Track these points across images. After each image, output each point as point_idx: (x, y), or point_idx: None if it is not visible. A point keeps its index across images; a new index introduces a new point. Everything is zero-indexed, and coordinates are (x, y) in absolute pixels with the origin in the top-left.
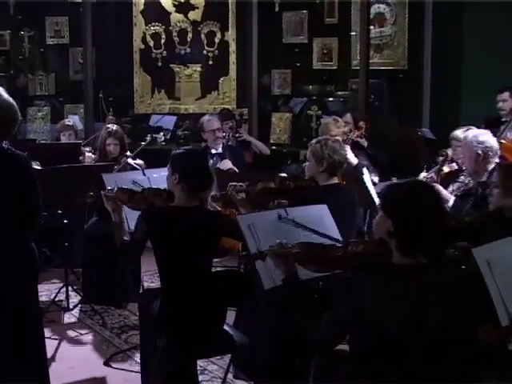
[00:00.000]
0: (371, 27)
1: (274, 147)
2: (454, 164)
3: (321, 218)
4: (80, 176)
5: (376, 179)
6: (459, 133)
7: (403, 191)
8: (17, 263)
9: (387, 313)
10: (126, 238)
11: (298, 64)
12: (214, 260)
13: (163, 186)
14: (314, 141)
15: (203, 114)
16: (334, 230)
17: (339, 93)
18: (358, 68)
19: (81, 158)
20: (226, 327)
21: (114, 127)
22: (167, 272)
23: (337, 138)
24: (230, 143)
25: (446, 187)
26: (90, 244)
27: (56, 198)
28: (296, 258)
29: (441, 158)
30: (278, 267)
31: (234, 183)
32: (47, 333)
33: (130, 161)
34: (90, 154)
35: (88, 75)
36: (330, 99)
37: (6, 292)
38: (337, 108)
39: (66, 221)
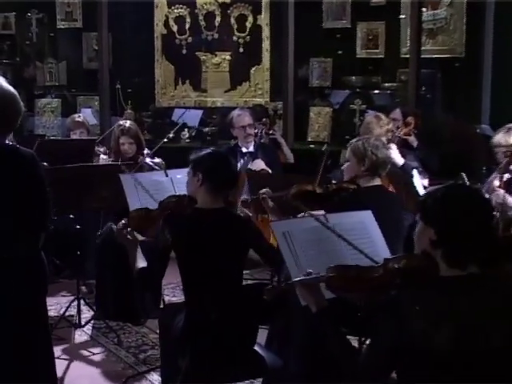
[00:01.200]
0: (423, 9)
1: (311, 146)
2: None
3: (365, 226)
4: (94, 176)
5: (426, 182)
6: (502, 137)
7: (442, 195)
8: (24, 274)
9: (437, 334)
10: (142, 265)
11: (340, 52)
12: (244, 272)
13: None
14: (354, 139)
15: (232, 108)
16: (379, 240)
17: (386, 84)
18: (407, 56)
19: (94, 161)
20: (256, 348)
21: (127, 124)
22: (192, 284)
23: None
24: (262, 141)
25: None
26: (105, 252)
27: (67, 200)
28: (329, 285)
29: (505, 160)
30: (305, 300)
31: (265, 190)
32: (56, 352)
33: (148, 161)
34: (104, 156)
35: (103, 63)
36: (376, 92)
37: (11, 306)
38: (383, 102)
39: (78, 226)
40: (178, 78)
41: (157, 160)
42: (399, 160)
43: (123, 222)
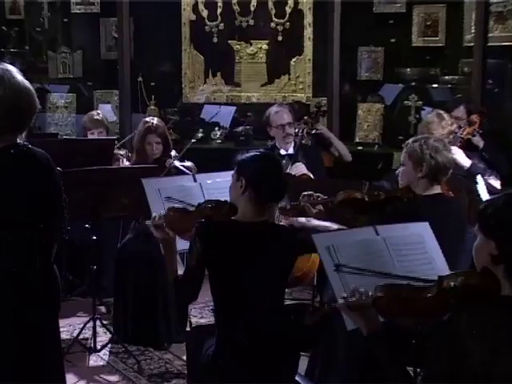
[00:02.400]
0: None
1: (360, 147)
2: None
3: (421, 239)
4: (113, 181)
5: (497, 184)
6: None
7: (504, 204)
8: (34, 290)
9: (496, 364)
10: (180, 273)
11: (393, 40)
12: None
13: (220, 196)
14: (410, 140)
15: (270, 105)
16: (438, 256)
17: (446, 77)
18: (471, 44)
19: (114, 165)
20: (297, 378)
21: (155, 121)
22: (225, 305)
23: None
24: (304, 142)
25: None
26: (125, 267)
27: (83, 208)
28: (376, 308)
29: None
30: (356, 323)
31: (308, 192)
32: (69, 380)
33: (177, 163)
34: (126, 162)
35: (124, 53)
36: (434, 86)
37: (19, 327)
38: (443, 97)
39: (94, 237)
40: (208, 71)
41: (188, 163)
42: (465, 162)
43: (155, 215)
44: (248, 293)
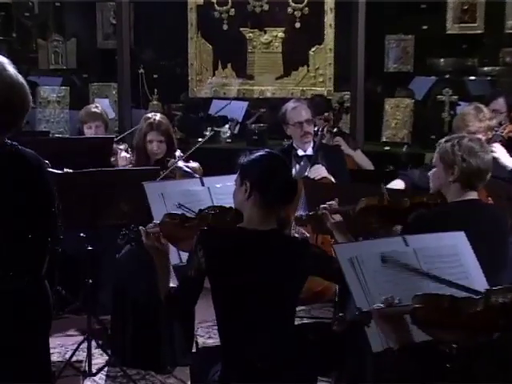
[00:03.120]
0: None
1: (387, 148)
2: None
3: (456, 251)
4: (112, 185)
5: None
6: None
7: None
8: (21, 307)
9: None
10: (172, 285)
11: (425, 27)
12: (300, 308)
13: (231, 202)
14: (443, 139)
15: (286, 100)
16: (474, 270)
17: (485, 69)
18: None
19: (113, 159)
20: None
21: (157, 117)
22: (233, 323)
23: (478, 135)
24: (324, 141)
25: None
26: (124, 281)
27: (77, 215)
28: (413, 319)
29: None
30: (386, 335)
31: (329, 203)
32: None
33: (181, 164)
34: (126, 154)
35: (123, 42)
36: (472, 78)
37: (3, 348)
38: (481, 91)
39: (90, 248)
40: (217, 62)
41: (193, 164)
42: (508, 162)
43: (154, 222)
44: (255, 308)
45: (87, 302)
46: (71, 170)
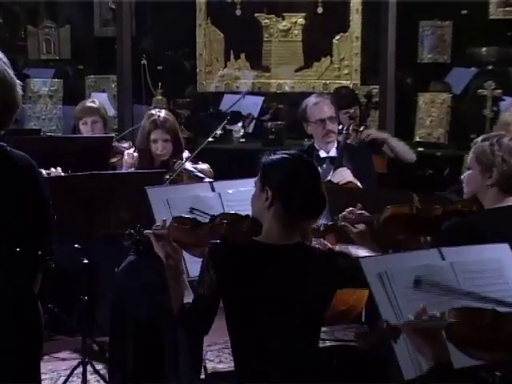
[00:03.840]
0: None
1: (420, 149)
2: None
3: (500, 266)
4: (110, 190)
5: None
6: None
7: None
8: (8, 328)
9: None
10: (187, 301)
11: (465, 12)
12: (322, 329)
13: (244, 210)
14: (480, 138)
15: (307, 94)
16: None
17: None
18: None
19: (114, 159)
20: None
21: (162, 114)
22: (250, 347)
23: None
24: (349, 141)
25: None
26: (124, 298)
27: (72, 224)
28: (450, 335)
29: None
30: (420, 351)
31: (349, 210)
32: None
33: (188, 166)
34: (131, 151)
35: (123, 29)
36: None
37: None
38: None
39: (86, 261)
40: (230, 52)
41: (202, 166)
42: None
43: (163, 220)
44: (275, 331)
45: (82, 322)
46: (59, 170)
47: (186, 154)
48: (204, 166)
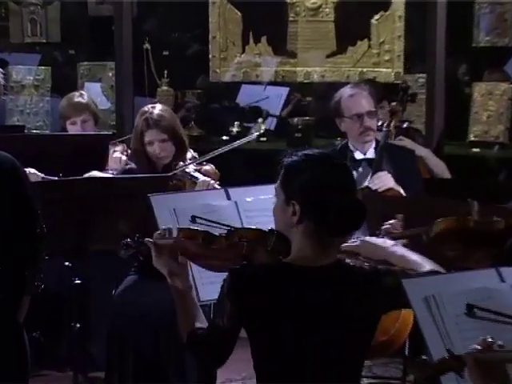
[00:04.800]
0: None
1: (475, 149)
2: None
3: None
4: (107, 197)
5: None
6: None
7: None
8: None
9: None
10: (199, 325)
11: None
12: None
13: (266, 222)
14: None
15: (340, 85)
16: None
17: None
18: None
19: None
20: None
21: (156, 110)
22: None
23: None
24: (388, 140)
25: None
26: (123, 327)
27: (61, 237)
28: None
29: None
30: None
31: (390, 222)
32: None
33: (191, 170)
34: (117, 154)
35: (123, 8)
36: None
37: None
38: None
39: (78, 281)
40: (248, 34)
41: (206, 167)
42: None
43: (165, 229)
44: (310, 369)
45: (74, 354)
46: (33, 171)
47: (190, 154)
48: (207, 167)
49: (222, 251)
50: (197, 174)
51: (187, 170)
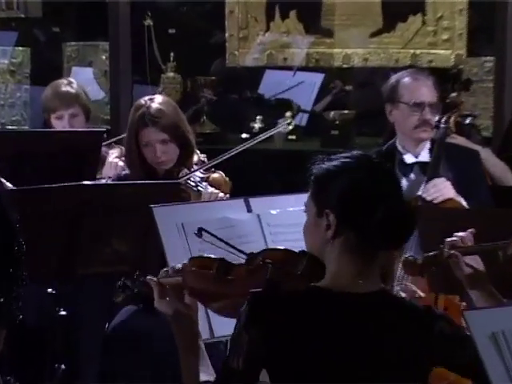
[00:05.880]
0: None
1: None
2: None
3: None
4: (99, 209)
5: None
6: None
7: None
8: None
9: None
10: (205, 379)
11: None
12: None
13: (296, 240)
14: None
15: (385, 71)
16: None
17: None
18: None
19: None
20: None
21: (155, 103)
22: None
23: None
24: (446, 139)
25: None
26: (117, 367)
27: (44, 259)
28: None
29: None
30: None
31: (464, 234)
32: None
33: (196, 178)
34: (116, 159)
35: None
36: None
37: None
38: None
39: (63, 312)
40: (274, 8)
41: (214, 175)
42: None
43: (172, 267)
44: None
45: None
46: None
47: (197, 156)
48: (216, 175)
49: (241, 282)
50: (203, 185)
51: (192, 178)
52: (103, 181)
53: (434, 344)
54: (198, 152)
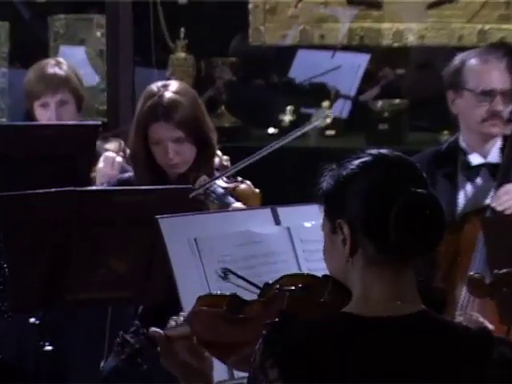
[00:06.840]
0: None
1: None
2: None
3: None
4: (93, 220)
5: None
6: None
7: None
8: None
9: None
10: None
11: None
12: None
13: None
14: None
15: (448, 51)
16: None
17: None
18: None
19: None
20: None
21: (169, 93)
22: None
23: None
24: None
25: None
26: None
27: (27, 283)
28: None
29: None
30: None
31: None
32: None
33: (218, 188)
34: (111, 153)
35: None
36: None
37: None
38: None
39: (49, 347)
40: None
41: (242, 186)
42: None
43: (183, 316)
44: None
45: None
46: None
47: (218, 159)
48: (243, 186)
49: (256, 321)
50: (227, 199)
51: (212, 188)
52: (98, 182)
53: (491, 372)
54: (220, 154)
